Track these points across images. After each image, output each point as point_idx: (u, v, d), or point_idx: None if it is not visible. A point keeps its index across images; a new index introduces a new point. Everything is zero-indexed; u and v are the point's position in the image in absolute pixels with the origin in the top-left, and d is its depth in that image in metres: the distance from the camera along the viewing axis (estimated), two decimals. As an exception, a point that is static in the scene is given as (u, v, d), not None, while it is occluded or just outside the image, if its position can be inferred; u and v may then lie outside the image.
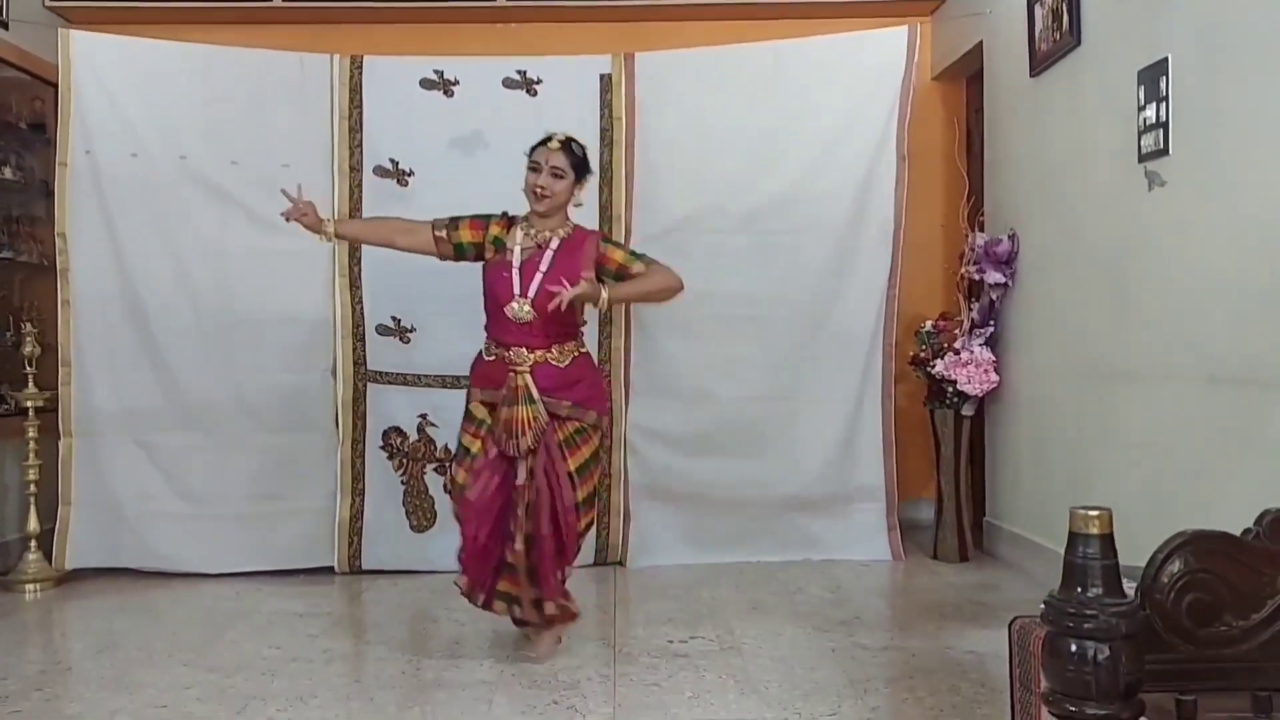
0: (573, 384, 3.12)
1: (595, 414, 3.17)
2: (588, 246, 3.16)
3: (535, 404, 3.05)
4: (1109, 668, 1.24)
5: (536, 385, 3.06)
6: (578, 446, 3.10)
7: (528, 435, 3.03)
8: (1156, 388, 3.14)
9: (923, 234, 4.77)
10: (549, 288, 2.98)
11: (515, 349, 3.08)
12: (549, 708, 2.70)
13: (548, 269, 3.07)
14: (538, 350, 3.09)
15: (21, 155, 4.79)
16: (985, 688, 2.79)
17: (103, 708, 2.75)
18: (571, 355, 3.15)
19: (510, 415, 3.04)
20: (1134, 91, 3.19)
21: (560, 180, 3.11)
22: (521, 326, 3.07)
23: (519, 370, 3.07)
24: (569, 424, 3.09)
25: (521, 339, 3.08)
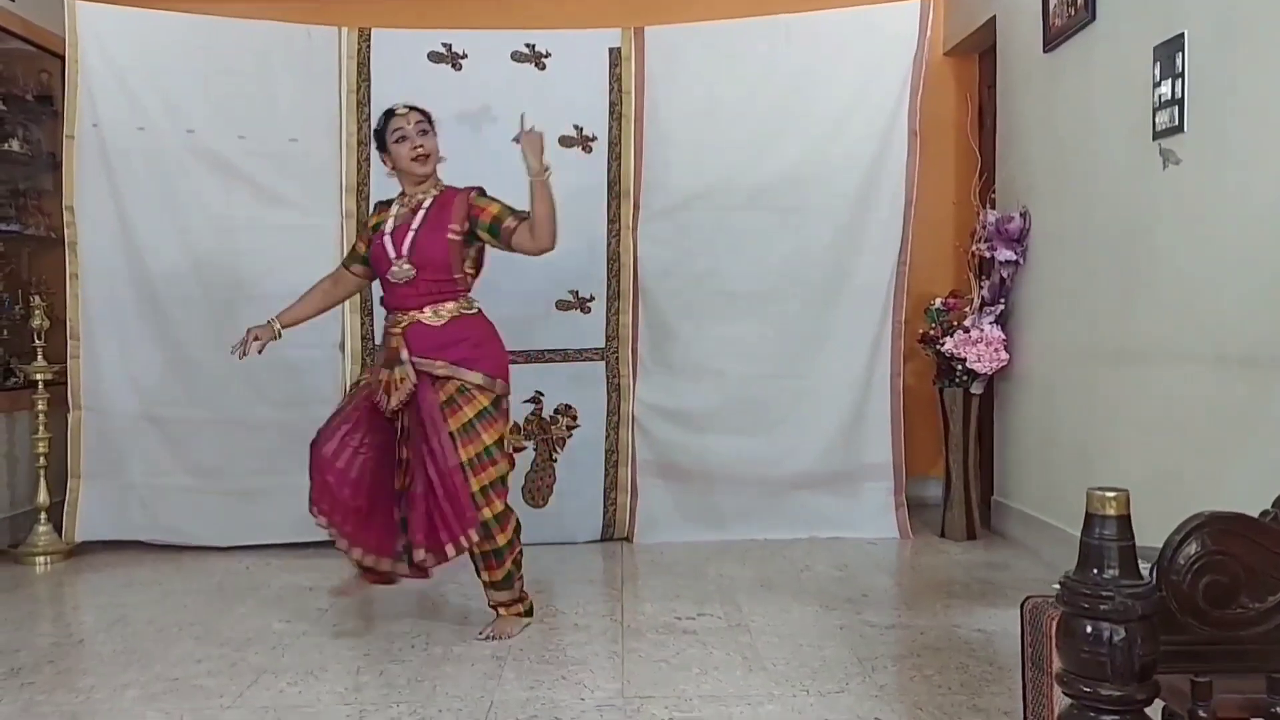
0: (450, 344, 3.10)
1: (480, 374, 3.10)
2: (458, 201, 3.16)
3: (403, 365, 3.07)
4: (1124, 649, 1.23)
5: (409, 346, 3.08)
6: (459, 407, 3.05)
7: (392, 397, 3.07)
8: (1167, 367, 3.12)
9: (933, 211, 4.74)
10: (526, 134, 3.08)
11: (394, 313, 3.15)
12: (557, 683, 2.71)
13: (419, 225, 3.12)
14: (412, 311, 3.11)
15: (28, 128, 4.79)
16: (993, 666, 2.79)
17: (114, 680, 2.77)
18: (450, 315, 3.13)
19: (386, 377, 3.09)
20: (1149, 68, 3.15)
21: (429, 135, 3.17)
22: (404, 289, 3.11)
23: (393, 333, 3.13)
24: (449, 384, 3.06)
25: (400, 302, 3.13)
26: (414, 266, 3.09)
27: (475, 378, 3.09)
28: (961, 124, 4.92)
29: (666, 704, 2.55)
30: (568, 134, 4.36)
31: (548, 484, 4.42)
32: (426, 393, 3.05)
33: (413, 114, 3.17)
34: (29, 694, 2.68)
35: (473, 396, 3.07)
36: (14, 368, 4.49)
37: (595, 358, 4.42)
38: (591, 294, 4.40)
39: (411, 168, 3.14)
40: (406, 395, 3.06)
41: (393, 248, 3.11)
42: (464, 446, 3.02)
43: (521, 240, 3.12)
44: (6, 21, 4.49)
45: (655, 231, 4.41)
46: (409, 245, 3.10)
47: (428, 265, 3.09)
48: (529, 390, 4.39)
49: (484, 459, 3.05)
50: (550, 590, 3.70)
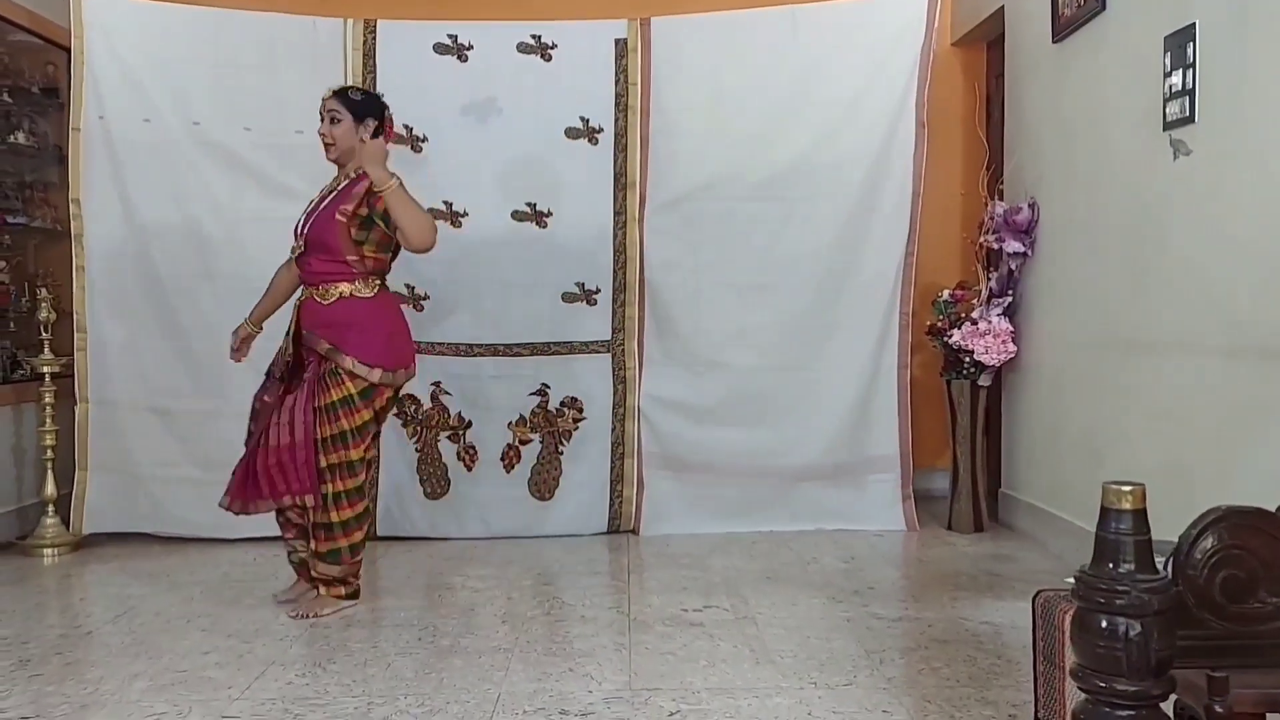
0: (333, 325, 3.20)
1: (351, 359, 3.18)
2: (360, 185, 3.21)
3: (288, 335, 3.27)
4: (1140, 644, 1.23)
5: (301, 321, 3.24)
6: (327, 388, 3.18)
7: (279, 363, 3.29)
8: (1177, 359, 3.11)
9: (941, 202, 4.72)
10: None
11: (302, 287, 3.31)
12: (564, 675, 2.71)
13: (322, 206, 3.25)
14: (308, 288, 3.27)
15: (35, 120, 4.78)
16: (1001, 659, 2.78)
17: (122, 672, 2.77)
18: (336, 296, 3.22)
19: (283, 344, 3.31)
20: (1160, 58, 3.13)
21: (338, 124, 3.23)
22: (302, 263, 3.26)
23: (297, 303, 3.31)
24: (325, 364, 3.20)
25: (303, 277, 3.29)
26: (304, 245, 3.24)
27: (346, 363, 3.18)
28: (969, 115, 4.90)
29: (674, 696, 2.55)
30: (574, 126, 4.35)
31: (554, 476, 4.42)
32: (313, 365, 3.23)
33: (331, 100, 3.26)
34: (38, 685, 2.68)
35: (341, 381, 3.19)
36: (21, 360, 4.49)
37: (601, 350, 4.42)
38: (597, 286, 4.39)
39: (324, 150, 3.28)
40: (282, 363, 3.29)
41: (300, 223, 3.29)
42: (321, 425, 3.17)
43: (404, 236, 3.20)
44: (12, 14, 4.48)
45: (661, 223, 4.40)
46: (306, 224, 3.27)
47: (314, 245, 3.22)
48: (535, 383, 4.39)
49: (337, 443, 3.19)
50: (557, 583, 3.70)
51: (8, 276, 4.57)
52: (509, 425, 4.40)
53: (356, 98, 3.29)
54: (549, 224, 4.36)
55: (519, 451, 4.41)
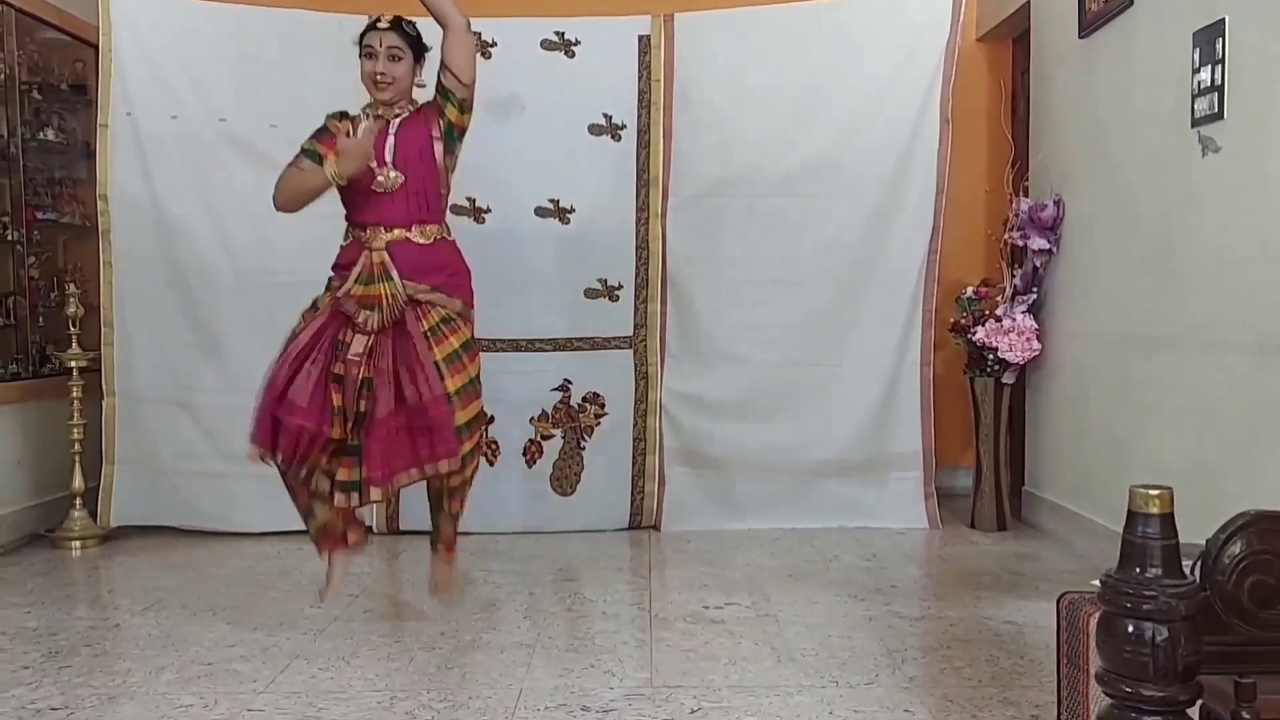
0: (436, 268, 2.97)
1: (461, 303, 3.00)
2: (429, 113, 3.02)
3: (392, 281, 2.89)
4: (1167, 649, 1.22)
5: (396, 264, 2.90)
6: (445, 336, 2.92)
7: (383, 311, 2.87)
8: (1204, 357, 3.08)
9: (965, 198, 4.70)
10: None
11: (372, 228, 2.94)
12: (586, 671, 2.72)
13: (395, 133, 2.97)
14: (396, 229, 2.94)
15: (63, 117, 4.83)
16: (1024, 659, 2.77)
17: (150, 664, 2.80)
18: (435, 236, 3.00)
19: (365, 292, 2.89)
20: (1188, 54, 3.10)
21: (399, 63, 2.96)
22: (383, 201, 2.93)
23: (375, 247, 2.91)
24: (434, 311, 2.94)
25: (379, 216, 2.94)
26: (400, 173, 2.93)
27: (457, 305, 2.99)
28: (994, 111, 4.87)
29: (695, 694, 2.55)
30: (597, 122, 4.35)
31: (575, 472, 4.43)
32: (410, 317, 2.90)
33: (390, 34, 2.95)
34: (67, 676, 2.72)
35: (458, 326, 2.97)
36: (50, 355, 4.55)
37: (623, 346, 4.42)
38: (620, 282, 4.40)
39: (370, 89, 2.99)
40: (396, 314, 2.89)
41: (376, 155, 2.92)
42: (451, 376, 2.87)
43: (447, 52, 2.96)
44: (42, 11, 4.53)
45: (684, 219, 4.39)
46: (390, 151, 2.94)
47: (413, 172, 2.94)
48: (557, 378, 4.40)
49: (469, 391, 2.92)
50: (578, 578, 3.71)
51: (37, 272, 4.63)
52: (531, 420, 4.41)
53: (413, 31, 2.99)
54: (572, 220, 4.37)
55: (541, 446, 4.43)
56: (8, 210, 4.46)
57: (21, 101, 4.50)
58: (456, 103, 3.01)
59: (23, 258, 4.49)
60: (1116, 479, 3.52)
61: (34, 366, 4.50)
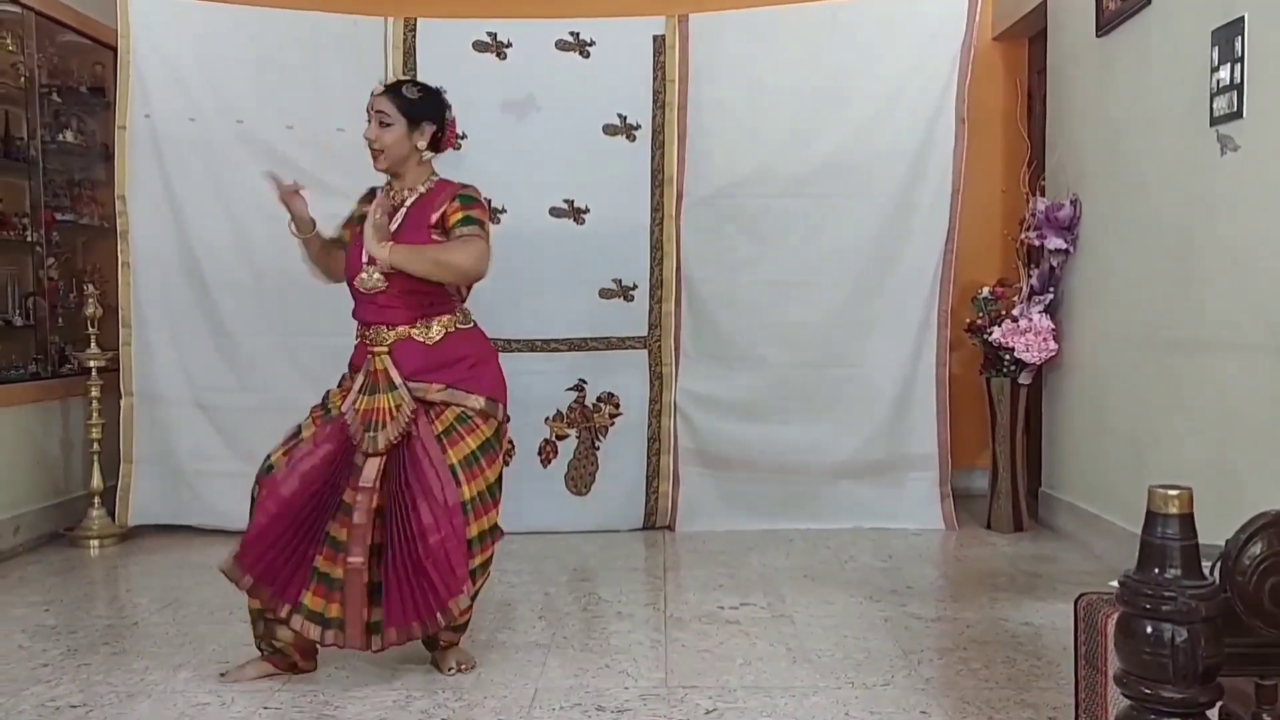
0: (448, 364, 2.67)
1: (481, 397, 2.68)
2: (441, 200, 2.69)
3: (397, 390, 2.60)
4: (1187, 651, 1.21)
5: (399, 368, 2.62)
6: (461, 436, 2.62)
7: (389, 428, 2.58)
8: (1223, 357, 3.06)
9: (981, 198, 4.68)
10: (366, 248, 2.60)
11: (375, 327, 2.66)
12: (601, 671, 2.72)
13: (398, 226, 2.67)
14: (399, 326, 2.65)
15: (82, 119, 4.86)
16: (1041, 660, 2.76)
17: (168, 662, 2.82)
18: (444, 331, 2.68)
19: (369, 405, 2.60)
20: (1207, 52, 3.08)
21: (388, 129, 2.67)
22: (378, 300, 2.64)
23: (377, 351, 2.64)
24: (447, 411, 2.64)
25: (380, 315, 2.65)
26: (383, 275, 2.62)
27: (477, 402, 2.67)
28: (1010, 110, 4.85)
29: (710, 694, 2.55)
30: (611, 122, 4.36)
31: (590, 472, 4.43)
32: (420, 421, 2.62)
33: (381, 99, 2.70)
34: (86, 674, 2.74)
35: (475, 425, 2.66)
36: (68, 355, 4.58)
37: (638, 346, 4.42)
38: (634, 282, 4.40)
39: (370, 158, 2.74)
40: (404, 427, 2.60)
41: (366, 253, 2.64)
42: (468, 482, 2.58)
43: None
44: (61, 14, 4.56)
45: (698, 219, 4.39)
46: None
47: (403, 274, 2.62)
48: (572, 378, 4.41)
49: (486, 499, 2.63)
50: (593, 579, 3.72)
51: (56, 272, 4.66)
52: (546, 420, 4.42)
53: (412, 95, 2.70)
54: (587, 220, 4.38)
55: (556, 446, 4.43)
56: (27, 211, 4.49)
57: (41, 104, 4.54)
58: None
59: (42, 258, 4.52)
60: (1135, 480, 3.50)
61: (53, 366, 4.53)
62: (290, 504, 2.58)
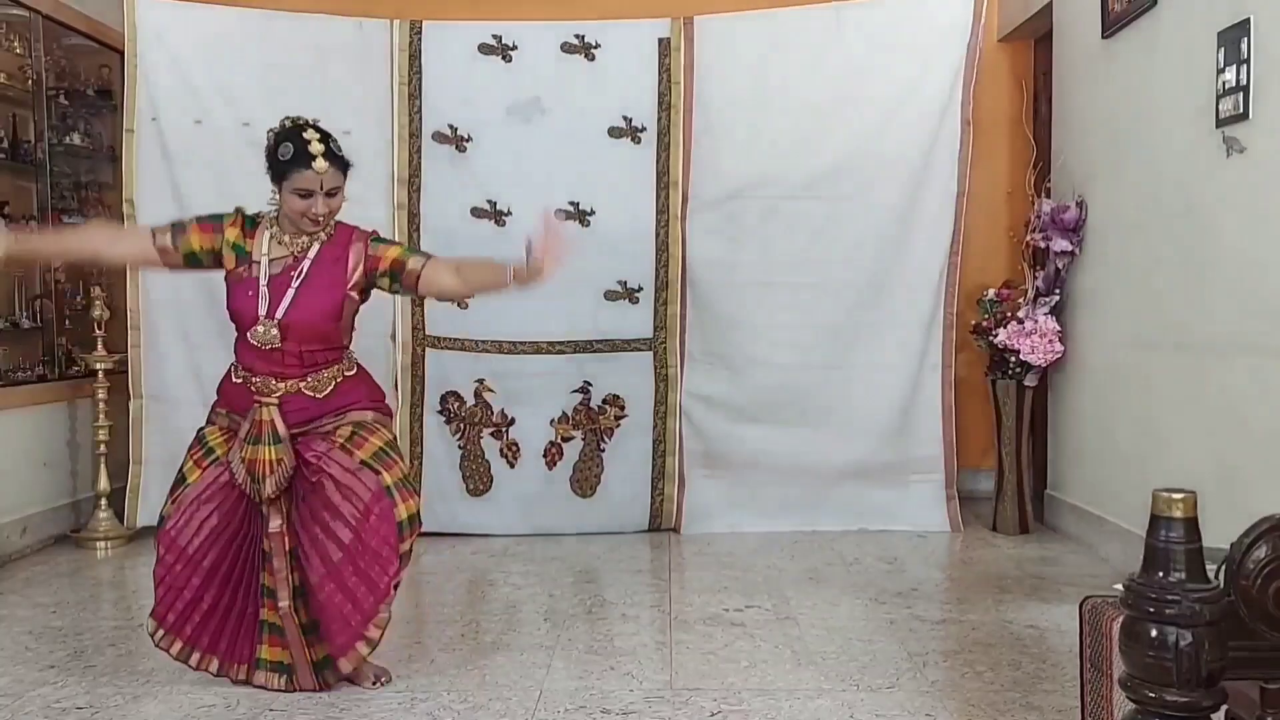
0: (333, 410, 2.64)
1: (373, 414, 2.69)
2: (353, 253, 2.64)
3: (282, 444, 2.56)
4: (1191, 654, 1.21)
5: (286, 420, 2.58)
6: (364, 439, 2.61)
7: (269, 481, 2.54)
8: (1229, 359, 3.05)
9: (987, 200, 4.68)
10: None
11: (263, 378, 2.60)
12: (605, 673, 2.72)
13: (301, 283, 2.59)
14: (290, 380, 2.60)
15: (89, 122, 4.88)
16: (1047, 663, 2.76)
17: (173, 665, 2.80)
18: (334, 381, 2.65)
19: (253, 455, 2.55)
20: (1213, 54, 3.08)
21: (335, 198, 2.60)
22: (272, 353, 2.58)
23: (264, 402, 2.58)
24: (342, 427, 2.63)
25: (270, 367, 2.59)
26: (281, 334, 2.56)
27: (369, 416, 2.68)
28: (1016, 112, 4.84)
29: (715, 696, 2.55)
30: (617, 125, 4.36)
31: (595, 474, 4.44)
32: (314, 443, 2.60)
33: (330, 176, 2.56)
34: (92, 676, 2.75)
35: (376, 429, 2.66)
36: (75, 357, 4.59)
37: (643, 348, 4.42)
38: (640, 284, 4.40)
39: (300, 223, 2.61)
40: (285, 481, 2.56)
41: (266, 304, 2.57)
42: (386, 470, 2.57)
43: (439, 279, 2.66)
44: (68, 17, 4.58)
45: (704, 222, 4.39)
46: (285, 306, 2.57)
47: (306, 333, 2.58)
48: (577, 380, 4.41)
49: (406, 487, 2.60)
50: (598, 580, 3.72)
51: (63, 275, 4.67)
52: (551, 422, 4.42)
53: (340, 152, 2.62)
54: (592, 223, 4.38)
55: (561, 448, 4.43)
56: (34, 214, 4.50)
57: (48, 106, 4.55)
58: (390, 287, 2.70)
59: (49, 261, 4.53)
60: (1140, 482, 3.49)
61: (60, 369, 4.54)
62: (193, 557, 2.59)
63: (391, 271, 2.65)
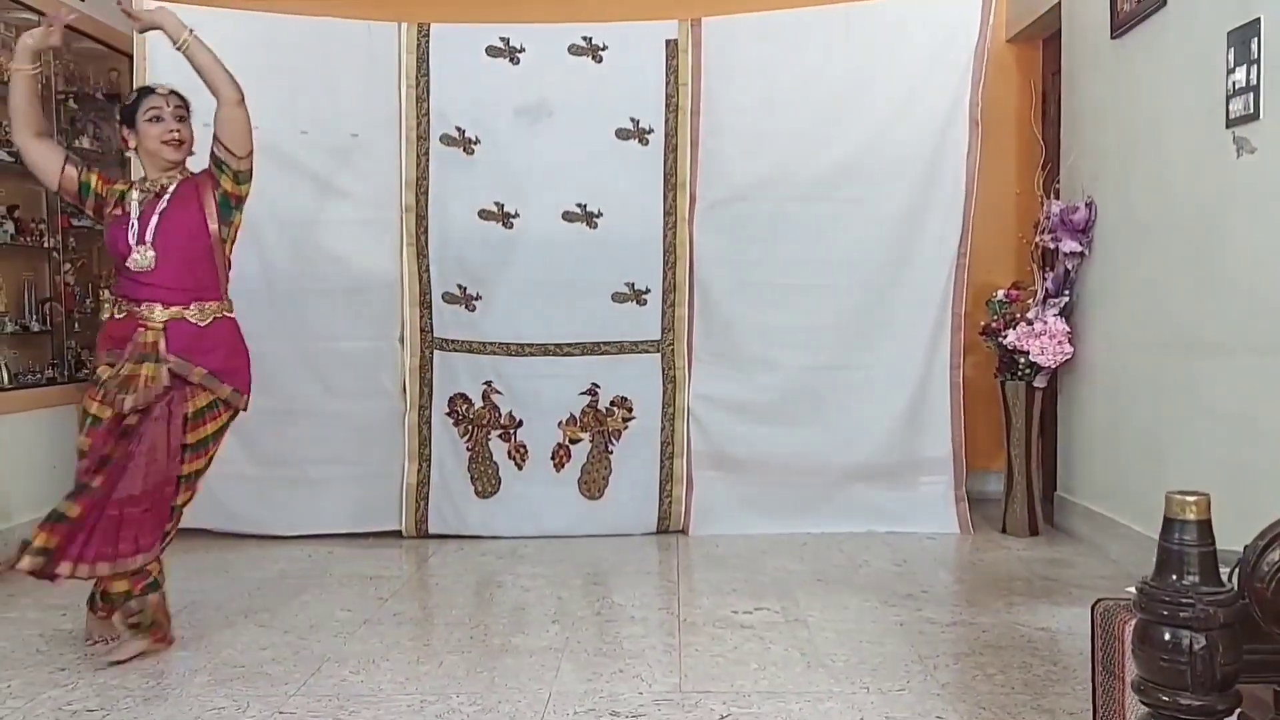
0: (211, 349, 2.93)
1: (229, 389, 2.96)
2: (202, 182, 2.97)
3: (160, 363, 2.84)
4: (1205, 658, 1.20)
5: (169, 344, 2.86)
6: (203, 422, 2.91)
7: (138, 394, 2.80)
8: (1241, 360, 3.04)
9: (995, 201, 4.67)
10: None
11: (147, 304, 2.88)
12: (614, 676, 2.72)
13: (165, 209, 2.91)
14: (173, 306, 2.89)
15: (99, 125, 4.89)
16: (1058, 666, 2.74)
17: (183, 666, 2.83)
18: (213, 316, 2.95)
19: (131, 371, 2.82)
20: (1223, 54, 3.07)
21: (185, 123, 2.96)
22: (152, 279, 2.87)
23: (150, 326, 2.87)
24: (201, 396, 2.91)
25: (154, 294, 2.88)
26: (156, 253, 2.87)
27: (225, 391, 2.95)
28: (1024, 112, 4.83)
29: (724, 699, 2.55)
30: (624, 126, 4.36)
31: (603, 476, 4.43)
32: (177, 398, 2.87)
33: (172, 97, 2.97)
34: (103, 678, 2.75)
35: (219, 413, 2.95)
36: (84, 360, 4.61)
37: (651, 349, 4.42)
38: (647, 286, 4.40)
39: (161, 150, 2.92)
40: (153, 397, 2.82)
41: (136, 232, 2.88)
42: (191, 461, 2.90)
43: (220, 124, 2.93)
44: (78, 22, 4.52)
45: (711, 223, 4.39)
46: (153, 229, 2.88)
47: (180, 256, 2.89)
48: (585, 382, 4.41)
49: (195, 478, 2.95)
50: (607, 583, 3.71)
51: (73, 278, 4.69)
52: (559, 424, 4.42)
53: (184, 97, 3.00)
54: (599, 224, 4.38)
55: (569, 450, 4.44)
56: (44, 217, 4.52)
57: (58, 110, 4.57)
58: (231, 174, 2.97)
59: (58, 264, 4.55)
60: (1152, 484, 3.48)
61: (69, 372, 4.56)
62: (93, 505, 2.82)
63: (216, 162, 2.96)
